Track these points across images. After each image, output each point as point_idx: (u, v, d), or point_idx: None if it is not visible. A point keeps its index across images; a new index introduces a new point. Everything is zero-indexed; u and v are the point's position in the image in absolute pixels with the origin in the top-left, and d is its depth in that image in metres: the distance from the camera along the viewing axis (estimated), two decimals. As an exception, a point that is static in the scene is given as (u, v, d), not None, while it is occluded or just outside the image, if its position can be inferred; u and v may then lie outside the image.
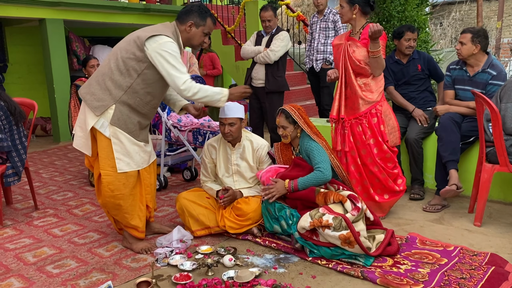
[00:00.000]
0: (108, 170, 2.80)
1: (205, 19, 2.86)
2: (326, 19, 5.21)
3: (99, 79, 2.82)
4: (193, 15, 2.84)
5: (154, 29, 2.78)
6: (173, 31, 2.82)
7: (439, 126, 3.62)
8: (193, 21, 2.84)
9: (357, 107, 3.29)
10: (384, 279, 2.45)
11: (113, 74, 2.78)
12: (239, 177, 3.27)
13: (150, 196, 3.09)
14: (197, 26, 2.86)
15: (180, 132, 4.23)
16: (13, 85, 7.83)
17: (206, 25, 2.88)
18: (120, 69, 2.77)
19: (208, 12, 2.88)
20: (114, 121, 2.77)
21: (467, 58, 3.61)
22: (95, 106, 2.77)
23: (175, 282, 2.50)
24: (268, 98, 4.70)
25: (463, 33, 3.62)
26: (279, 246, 2.95)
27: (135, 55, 2.74)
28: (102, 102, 2.77)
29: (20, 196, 4.36)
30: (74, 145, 2.94)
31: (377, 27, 2.98)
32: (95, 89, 2.81)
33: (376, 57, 3.13)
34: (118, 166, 2.79)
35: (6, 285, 2.58)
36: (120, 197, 2.84)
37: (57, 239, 3.26)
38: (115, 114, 2.77)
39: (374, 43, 3.08)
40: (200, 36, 2.90)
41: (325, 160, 2.98)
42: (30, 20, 7.14)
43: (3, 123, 3.50)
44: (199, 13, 2.84)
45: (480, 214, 3.26)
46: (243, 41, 7.59)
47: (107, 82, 2.78)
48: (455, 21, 14.22)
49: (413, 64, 4.03)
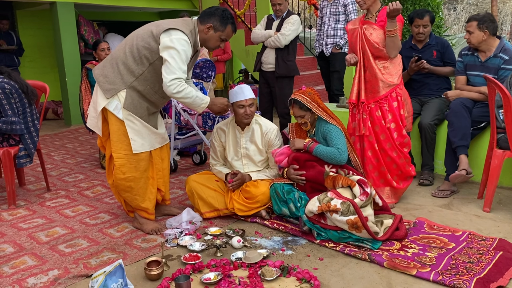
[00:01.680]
0: (120, 153, 2.85)
1: (225, 25, 2.86)
2: (336, 3, 5.15)
3: (113, 62, 2.86)
4: (214, 19, 2.84)
5: (173, 23, 2.78)
6: (192, 29, 2.82)
7: (450, 111, 3.59)
8: (213, 24, 2.84)
9: (377, 91, 3.26)
10: (391, 262, 2.47)
11: (127, 60, 2.81)
12: (248, 160, 3.29)
13: (162, 180, 3.14)
14: (215, 30, 2.86)
15: (189, 115, 4.25)
16: (25, 68, 7.88)
17: (225, 31, 2.88)
18: (134, 55, 2.80)
19: (230, 19, 2.88)
20: (127, 105, 2.81)
21: (478, 45, 3.56)
22: (106, 88, 2.82)
23: (184, 262, 2.55)
24: (278, 82, 4.69)
25: (468, 21, 3.57)
26: (287, 228, 2.97)
27: (149, 45, 2.77)
28: (113, 86, 2.81)
29: (32, 177, 4.43)
30: (87, 125, 2.99)
31: (396, 5, 2.96)
32: (108, 72, 2.85)
33: (393, 36, 3.11)
34: (134, 147, 2.84)
35: (20, 262, 2.65)
36: (131, 179, 2.89)
37: (69, 219, 3.33)
38: (127, 98, 2.81)
39: (391, 22, 3.06)
40: (216, 40, 2.90)
41: (342, 142, 2.98)
42: (41, 4, 7.16)
43: (17, 105, 3.54)
44: (220, 18, 2.84)
45: (489, 200, 3.25)
46: (253, 25, 7.54)
47: (120, 66, 2.82)
48: (469, 5, 13.95)
49: (428, 50, 3.97)
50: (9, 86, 3.47)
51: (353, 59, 3.37)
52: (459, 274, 2.33)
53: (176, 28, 2.73)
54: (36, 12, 8.10)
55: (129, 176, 2.87)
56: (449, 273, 2.35)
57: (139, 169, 2.89)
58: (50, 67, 8.44)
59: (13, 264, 2.62)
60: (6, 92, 3.44)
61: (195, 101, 2.83)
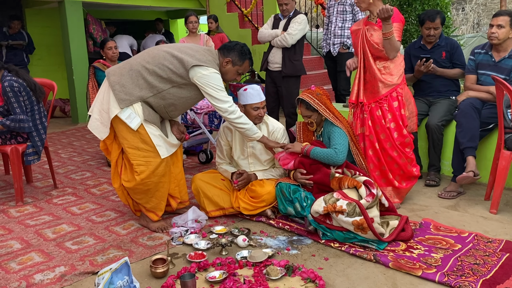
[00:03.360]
0: (139, 160, 2.88)
1: (243, 60, 2.99)
2: (344, 2, 5.13)
3: (132, 74, 2.87)
4: (233, 54, 2.96)
5: (200, 58, 2.86)
6: (216, 61, 2.95)
7: (459, 112, 3.57)
8: (232, 59, 2.96)
9: (376, 91, 3.26)
10: (396, 263, 2.46)
11: (150, 75, 2.85)
12: (254, 159, 3.29)
13: (177, 187, 3.19)
14: (234, 65, 2.98)
15: (196, 114, 4.26)
16: (33, 66, 7.94)
17: (243, 66, 3.01)
18: (160, 74, 2.84)
19: (248, 55, 3.01)
20: (146, 116, 2.86)
21: (501, 42, 3.50)
22: (121, 98, 2.82)
23: (189, 260, 2.56)
24: (284, 82, 4.69)
25: (499, 15, 3.47)
26: (292, 228, 2.97)
27: (178, 72, 2.85)
28: (129, 97, 2.83)
29: (40, 175, 4.46)
30: (88, 126, 2.99)
31: (385, 8, 2.96)
32: (126, 81, 2.85)
33: (388, 38, 3.10)
34: (161, 153, 2.91)
35: (27, 259, 2.67)
36: (150, 184, 2.92)
37: (76, 216, 3.35)
38: (144, 110, 2.86)
39: (385, 24, 3.06)
40: (233, 74, 3.03)
41: (343, 143, 2.98)
42: (50, 2, 7.21)
43: (25, 103, 3.57)
44: (239, 53, 2.97)
45: (496, 202, 3.23)
46: (260, 24, 7.54)
47: (140, 80, 2.85)
48: (478, 6, 13.84)
49: (437, 51, 3.95)
50: (17, 84, 3.50)
51: (352, 66, 3.42)
52: (465, 276, 2.32)
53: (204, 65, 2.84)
54: (44, 10, 8.16)
55: (147, 181, 2.90)
56: (455, 274, 2.34)
57: (158, 174, 2.92)
58: (58, 65, 8.49)
59: (20, 260, 2.65)
60: (15, 90, 3.47)
61: (252, 130, 3.00)
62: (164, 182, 3.00)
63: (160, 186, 2.98)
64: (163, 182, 2.98)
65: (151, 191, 2.96)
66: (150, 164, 2.88)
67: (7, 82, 3.47)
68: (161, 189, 2.99)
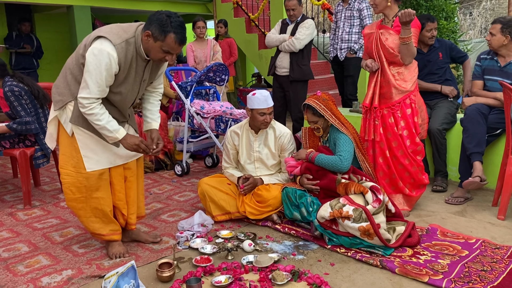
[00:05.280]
0: (69, 170, 2.53)
1: (164, 34, 2.31)
2: (351, 7, 5.15)
3: (63, 72, 2.53)
4: (153, 26, 2.32)
5: (107, 30, 2.37)
6: (130, 36, 2.39)
7: (465, 117, 3.55)
8: (151, 31, 2.33)
9: (390, 96, 3.24)
10: (403, 268, 2.45)
11: (74, 68, 2.46)
12: (261, 164, 3.30)
13: (122, 203, 2.73)
14: (155, 40, 2.34)
15: (202, 119, 4.27)
16: (42, 71, 8.02)
17: (165, 42, 2.32)
18: (78, 63, 2.43)
19: (172, 28, 2.31)
20: (74, 119, 2.46)
21: (498, 49, 3.54)
22: (56, 99, 2.52)
23: (195, 264, 2.56)
24: (292, 86, 4.69)
25: (493, 23, 3.57)
26: (298, 233, 2.97)
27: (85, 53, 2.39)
28: (62, 97, 2.49)
29: (47, 178, 4.50)
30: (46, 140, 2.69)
31: (409, 11, 2.96)
32: (59, 81, 2.53)
33: (407, 43, 3.08)
34: (87, 165, 2.50)
35: (35, 262, 2.69)
36: (82, 200, 2.57)
37: (83, 220, 3.36)
38: (74, 111, 2.47)
39: (405, 29, 3.04)
40: (157, 52, 2.37)
41: (348, 150, 2.98)
42: (59, 7, 7.29)
43: (29, 106, 3.61)
44: (159, 25, 2.30)
45: (504, 208, 3.21)
46: (266, 29, 7.56)
47: (68, 76, 2.48)
48: (486, 10, 13.79)
49: (434, 52, 3.99)
50: (17, 88, 3.54)
51: (375, 66, 3.24)
52: (472, 282, 2.30)
53: (105, 36, 2.32)
54: (53, 15, 8.24)
55: (79, 197, 2.55)
56: (462, 281, 2.32)
57: (89, 188, 2.53)
58: (67, 69, 8.55)
59: (27, 263, 2.67)
60: (16, 94, 3.51)
61: (108, 129, 2.42)
62: (99, 198, 2.59)
63: (96, 203, 2.59)
64: (97, 198, 2.58)
65: (85, 209, 2.59)
66: (79, 175, 2.51)
67: (7, 87, 3.52)
68: (98, 207, 2.60)
